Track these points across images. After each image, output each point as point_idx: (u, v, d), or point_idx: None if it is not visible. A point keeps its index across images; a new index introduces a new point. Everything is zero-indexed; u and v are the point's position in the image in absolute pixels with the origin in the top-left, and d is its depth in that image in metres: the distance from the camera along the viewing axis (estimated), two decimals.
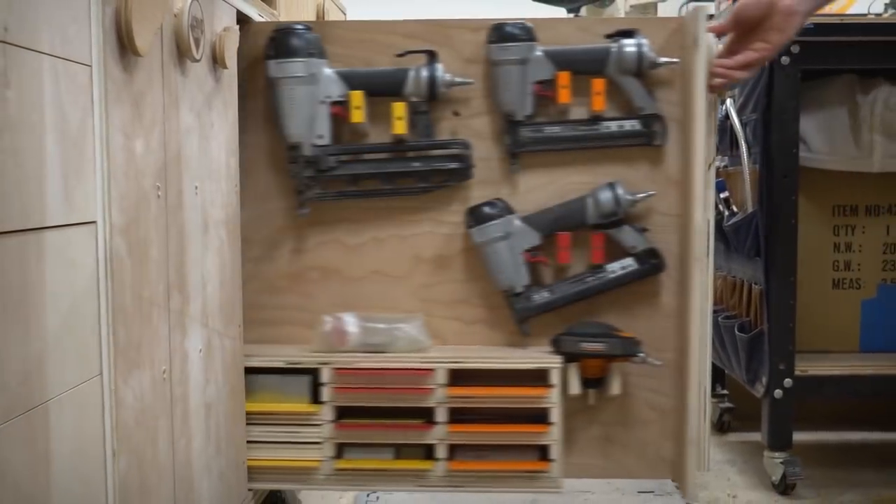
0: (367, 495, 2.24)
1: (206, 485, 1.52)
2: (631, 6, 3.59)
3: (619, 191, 1.76)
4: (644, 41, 1.75)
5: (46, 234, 1.01)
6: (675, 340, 1.81)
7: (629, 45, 1.75)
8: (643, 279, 1.80)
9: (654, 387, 1.83)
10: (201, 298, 1.49)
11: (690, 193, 1.71)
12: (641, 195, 1.77)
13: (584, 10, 3.44)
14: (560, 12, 3.38)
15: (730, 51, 1.68)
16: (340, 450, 1.80)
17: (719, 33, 1.67)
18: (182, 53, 1.37)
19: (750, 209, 2.31)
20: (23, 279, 0.96)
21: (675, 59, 1.75)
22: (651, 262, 1.79)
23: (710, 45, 1.65)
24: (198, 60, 1.42)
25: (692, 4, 3.67)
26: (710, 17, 1.68)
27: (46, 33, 1.01)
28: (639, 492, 2.29)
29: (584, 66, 1.78)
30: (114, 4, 1.15)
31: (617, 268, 1.78)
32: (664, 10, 3.66)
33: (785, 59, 2.18)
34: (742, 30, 1.66)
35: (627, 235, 1.78)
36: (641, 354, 1.74)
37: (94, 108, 1.11)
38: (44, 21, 1.00)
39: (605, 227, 1.78)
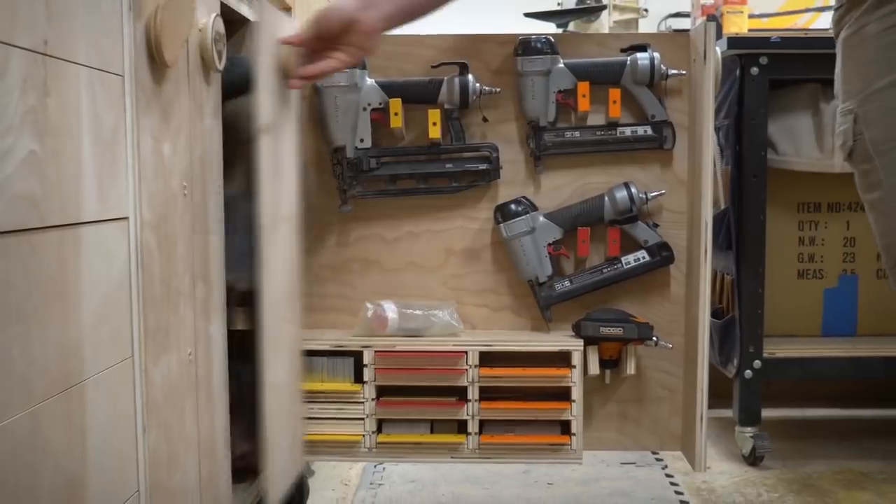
0: (375, 466, 2.24)
1: (227, 457, 1.52)
2: (615, 21, 3.58)
3: (634, 190, 1.78)
4: (656, 55, 1.76)
5: (83, 229, 1.01)
6: (683, 325, 1.82)
7: (642, 58, 1.77)
8: (655, 270, 1.82)
9: (665, 367, 1.85)
10: (224, 288, 1.49)
11: (697, 193, 1.72)
12: (653, 194, 1.79)
13: (571, 25, 3.44)
14: (550, 27, 3.37)
15: (310, 49, 1.48)
16: (380, 425, 1.82)
17: (299, 44, 1.47)
18: (206, 64, 1.37)
19: (722, 206, 2.31)
20: (62, 270, 0.97)
21: (683, 71, 1.76)
22: (662, 255, 1.80)
23: (287, 50, 1.50)
24: (220, 71, 1.42)
25: (670, 20, 3.67)
26: (680, 30, 1.67)
27: (83, 46, 1.01)
28: (622, 463, 2.29)
29: (601, 77, 1.80)
30: (144, 20, 1.15)
31: (631, 260, 1.80)
32: (644, 26, 3.65)
33: (754, 70, 2.18)
34: (321, 39, 1.47)
35: (641, 230, 1.80)
36: (654, 338, 1.77)
37: (126, 115, 1.11)
38: (80, 35, 1.00)
39: (620, 222, 1.80)
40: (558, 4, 3.62)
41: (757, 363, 2.24)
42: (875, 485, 2.17)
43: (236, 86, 1.52)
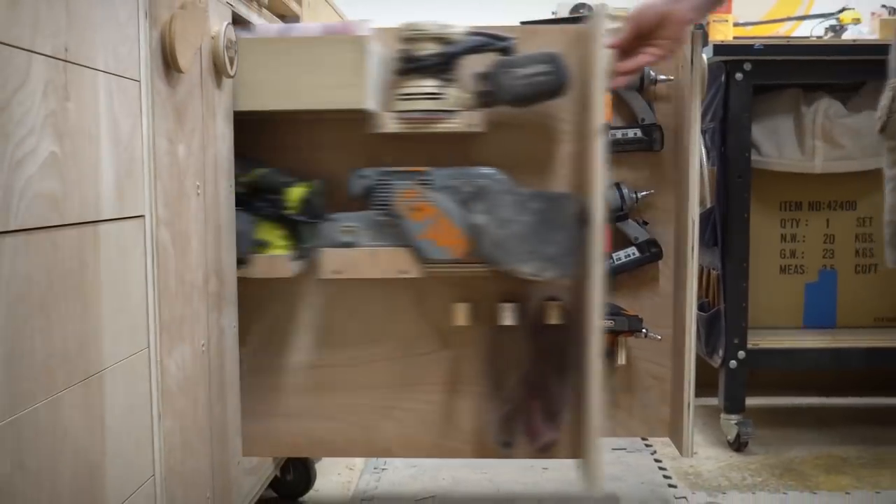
0: (376, 460, 2.24)
1: (238, 443, 1.52)
2: (606, 30, 3.58)
3: (624, 190, 1.77)
4: None
5: (102, 226, 1.01)
6: (671, 318, 1.81)
7: None
8: (644, 266, 1.81)
9: (654, 358, 1.83)
10: (235, 282, 1.49)
11: (685, 192, 1.70)
12: (643, 193, 1.78)
13: None
14: None
15: (622, 51, 1.52)
16: None
17: (621, 47, 1.51)
18: (218, 70, 1.37)
19: (709, 205, 2.31)
20: (81, 265, 0.97)
21: (671, 77, 1.75)
22: (651, 251, 1.79)
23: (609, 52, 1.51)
24: (232, 76, 1.42)
25: None
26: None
27: (101, 53, 1.01)
28: (613, 448, 2.29)
29: None
30: (160, 28, 1.15)
31: (622, 256, 1.79)
32: None
33: (739, 76, 2.18)
34: (637, 35, 1.51)
35: (631, 228, 1.79)
36: (644, 330, 1.76)
37: (142, 118, 1.11)
38: (99, 43, 1.00)
39: (612, 220, 1.79)
40: (553, 14, 3.62)
41: (741, 354, 2.24)
42: (854, 469, 2.17)
43: (552, 88, 1.53)
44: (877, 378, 2.75)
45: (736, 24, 2.73)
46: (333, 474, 2.14)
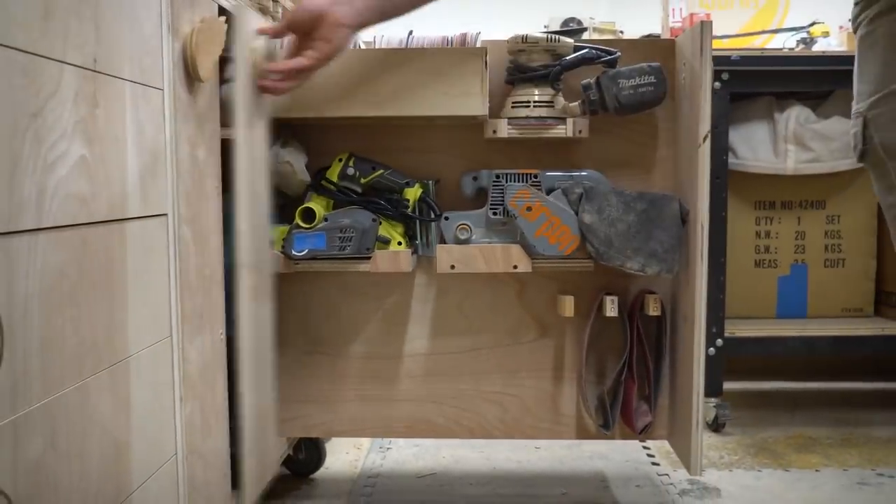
0: (381, 440, 2.24)
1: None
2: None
3: None
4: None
5: (127, 224, 1.01)
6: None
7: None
8: None
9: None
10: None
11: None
12: None
13: None
14: None
15: (290, 54, 1.31)
16: None
17: (272, 35, 1.30)
18: None
19: None
20: (109, 260, 0.97)
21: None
22: None
23: (259, 45, 1.29)
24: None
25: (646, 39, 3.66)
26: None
27: (128, 64, 1.01)
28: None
29: None
30: (181, 41, 1.15)
31: None
32: None
33: (717, 84, 2.18)
34: (297, 35, 1.30)
35: None
36: None
37: (165, 124, 1.11)
38: (125, 54, 1.00)
39: None
40: (545, 27, 3.62)
41: (719, 342, 2.24)
42: (823, 448, 2.17)
43: (655, 98, 1.51)
44: (844, 364, 2.76)
45: (714, 37, 2.73)
46: (342, 453, 2.14)
